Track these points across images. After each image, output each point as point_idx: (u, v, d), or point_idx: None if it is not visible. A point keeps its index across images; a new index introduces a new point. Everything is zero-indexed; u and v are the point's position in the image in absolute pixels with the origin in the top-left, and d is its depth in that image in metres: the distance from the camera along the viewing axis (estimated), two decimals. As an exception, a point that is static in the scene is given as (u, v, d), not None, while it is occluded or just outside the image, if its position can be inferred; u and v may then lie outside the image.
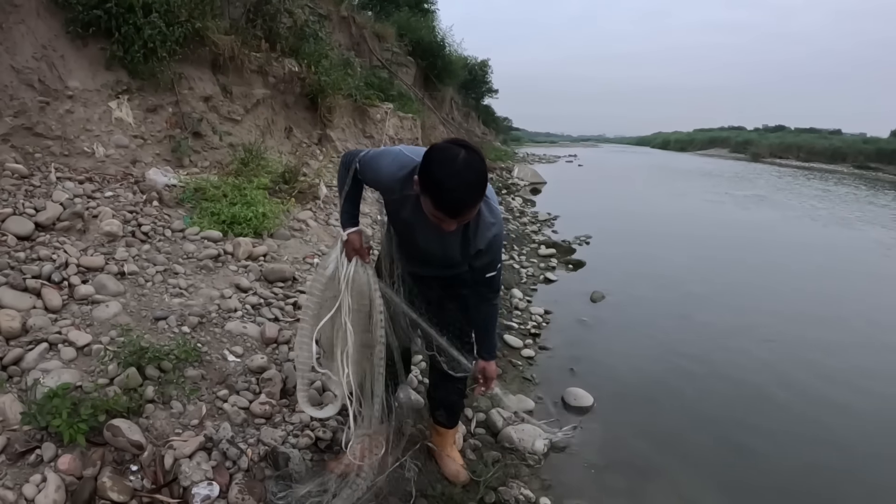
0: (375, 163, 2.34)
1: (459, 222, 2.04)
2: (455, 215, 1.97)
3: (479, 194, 1.98)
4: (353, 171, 2.43)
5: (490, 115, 39.24)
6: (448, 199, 1.92)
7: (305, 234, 5.72)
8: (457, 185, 1.90)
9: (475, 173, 1.93)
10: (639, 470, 3.53)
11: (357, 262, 2.52)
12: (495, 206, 2.28)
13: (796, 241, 11.99)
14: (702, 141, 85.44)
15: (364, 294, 2.54)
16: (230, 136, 6.76)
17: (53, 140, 4.91)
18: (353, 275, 2.49)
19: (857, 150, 48.39)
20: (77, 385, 2.71)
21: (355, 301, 2.52)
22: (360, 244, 2.53)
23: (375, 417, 2.56)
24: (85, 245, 4.00)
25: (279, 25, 8.19)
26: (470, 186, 1.93)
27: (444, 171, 1.90)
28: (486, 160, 2.08)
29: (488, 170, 2.03)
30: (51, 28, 5.12)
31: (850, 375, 5.13)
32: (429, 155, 1.96)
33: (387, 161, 2.30)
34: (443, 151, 1.94)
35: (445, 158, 1.92)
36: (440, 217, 1.98)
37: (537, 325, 5.73)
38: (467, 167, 1.90)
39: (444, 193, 1.92)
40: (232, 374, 3.20)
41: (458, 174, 1.89)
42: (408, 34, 17.41)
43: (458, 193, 1.92)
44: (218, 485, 2.49)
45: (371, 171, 2.37)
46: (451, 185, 1.90)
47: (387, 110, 11.80)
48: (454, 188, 1.90)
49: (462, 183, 1.90)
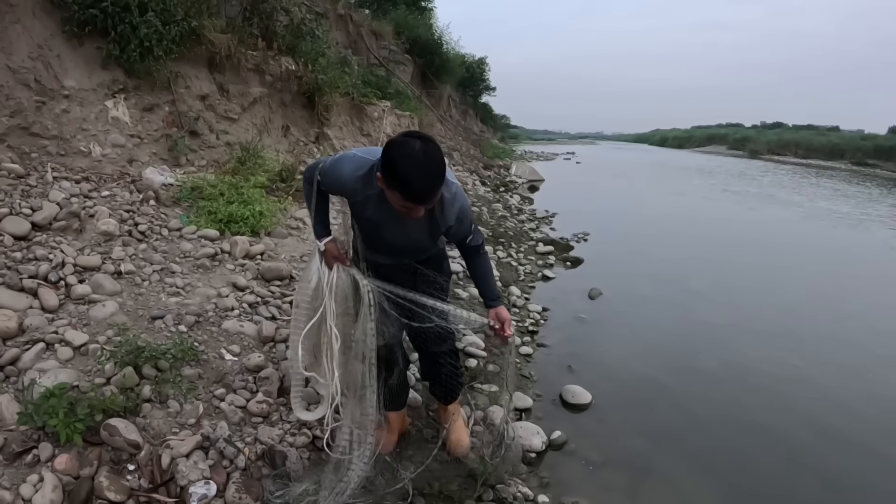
0: (334, 170, 2.42)
1: (426, 207, 2.16)
2: (423, 202, 2.09)
3: (442, 179, 2.09)
4: (315, 183, 2.51)
5: (488, 113, 39.26)
6: (416, 189, 2.03)
7: (302, 233, 5.72)
8: (422, 175, 2.02)
9: (435, 162, 2.04)
10: (637, 467, 3.53)
11: (339, 267, 2.61)
12: (454, 185, 2.38)
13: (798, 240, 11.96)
14: (700, 138, 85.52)
15: (349, 296, 2.61)
16: (227, 134, 6.76)
17: (50, 140, 4.91)
18: (336, 281, 2.58)
19: (855, 146, 48.47)
20: (74, 385, 2.71)
21: (340, 305, 2.60)
22: (337, 251, 2.65)
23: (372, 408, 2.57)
24: (81, 245, 3.99)
25: (276, 24, 8.20)
26: (433, 175, 2.05)
27: (408, 165, 2.00)
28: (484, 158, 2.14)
29: (487, 167, 2.09)
30: (47, 27, 5.12)
31: (851, 374, 5.13)
32: (388, 151, 2.05)
33: (344, 166, 2.38)
34: (401, 146, 2.04)
35: (406, 153, 2.01)
36: (409, 206, 2.10)
37: (535, 323, 5.73)
38: (427, 157, 2.02)
39: (412, 185, 2.03)
40: (229, 373, 3.20)
41: (421, 166, 2.01)
42: (405, 32, 17.43)
43: (424, 183, 2.04)
44: (215, 484, 2.49)
45: (331, 179, 2.45)
46: (416, 177, 2.01)
47: (384, 108, 11.81)
48: (419, 178, 2.02)
49: (426, 173, 2.03)
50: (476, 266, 2.70)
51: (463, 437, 3.25)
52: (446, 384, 3.19)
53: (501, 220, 10.43)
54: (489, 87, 33.86)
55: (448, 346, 3.08)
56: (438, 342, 2.94)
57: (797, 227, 13.65)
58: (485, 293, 2.73)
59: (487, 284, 2.72)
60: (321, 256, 2.63)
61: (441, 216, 2.37)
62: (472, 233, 2.56)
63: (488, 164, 19.28)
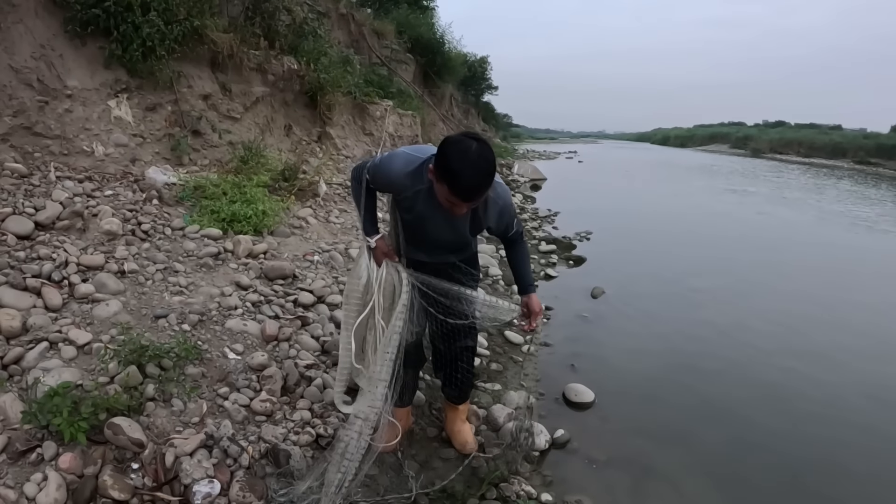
0: (385, 167, 2.50)
1: (470, 206, 2.25)
2: (469, 199, 2.17)
3: (490, 181, 2.18)
4: (364, 181, 2.59)
5: (490, 112, 39.21)
6: (464, 185, 2.11)
7: (305, 232, 5.73)
8: (472, 174, 2.10)
9: (487, 163, 2.13)
10: (640, 466, 3.53)
11: (387, 263, 2.69)
12: (500, 185, 2.48)
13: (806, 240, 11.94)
14: (702, 137, 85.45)
15: (396, 292, 2.67)
16: (229, 134, 6.76)
17: (53, 139, 4.91)
18: (385, 276, 2.66)
19: (858, 145, 48.39)
20: (77, 384, 2.71)
21: (387, 300, 2.67)
22: (387, 248, 2.73)
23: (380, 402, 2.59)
24: (85, 244, 4.00)
25: (278, 23, 8.18)
26: (483, 174, 2.13)
27: (460, 162, 2.09)
28: None
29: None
30: (49, 27, 5.12)
31: (856, 373, 5.12)
32: (444, 147, 2.14)
33: (395, 162, 2.46)
34: (458, 143, 2.12)
35: (461, 150, 2.10)
36: (454, 202, 2.17)
37: (538, 322, 5.72)
38: (480, 157, 2.10)
39: (461, 181, 2.10)
40: (232, 372, 3.20)
41: (472, 164, 2.09)
42: (407, 31, 17.39)
43: (473, 181, 2.12)
44: (219, 482, 2.49)
45: (382, 176, 2.53)
46: (466, 174, 2.10)
47: (386, 107, 11.80)
48: (470, 176, 2.10)
49: (476, 172, 2.11)
50: (514, 253, 2.79)
51: (470, 437, 3.28)
52: (461, 384, 3.22)
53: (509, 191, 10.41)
54: (491, 86, 33.81)
55: (470, 342, 3.13)
56: (463, 336, 2.99)
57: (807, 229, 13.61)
58: (519, 280, 2.84)
59: (523, 272, 2.82)
60: (370, 253, 2.71)
61: (484, 215, 2.48)
62: (515, 227, 2.66)
63: (491, 163, 19.11)
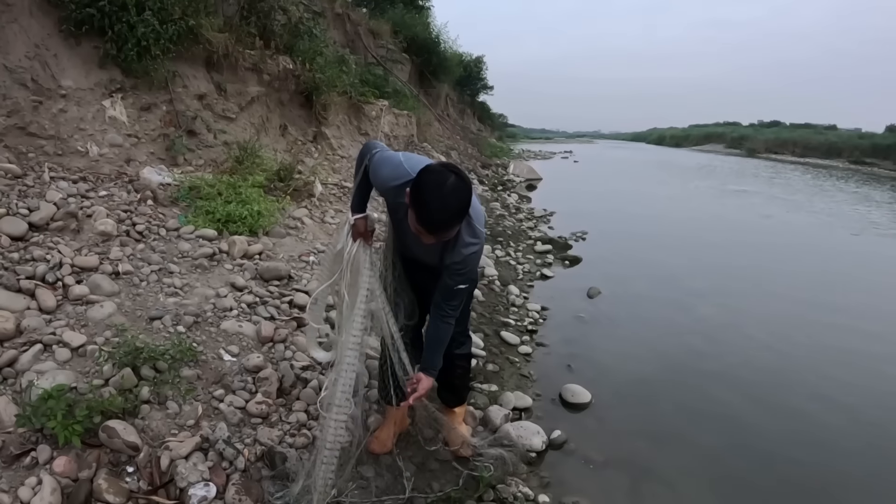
0: (378, 168, 2.50)
1: (438, 240, 2.23)
2: (433, 232, 2.16)
3: (459, 220, 2.19)
4: (364, 166, 2.59)
5: (485, 112, 39.26)
6: (430, 219, 2.12)
7: (301, 232, 5.71)
8: (440, 208, 2.09)
9: (458, 201, 2.12)
10: (637, 466, 3.54)
11: (360, 243, 2.73)
12: (478, 226, 2.43)
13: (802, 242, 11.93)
14: (697, 136, 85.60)
15: (361, 273, 2.72)
16: (225, 134, 6.73)
17: (47, 139, 4.88)
18: (354, 253, 2.73)
19: (853, 145, 48.55)
20: (72, 386, 2.70)
21: (353, 277, 2.74)
22: (364, 228, 2.72)
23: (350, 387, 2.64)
24: (79, 245, 3.97)
25: (273, 23, 8.15)
26: (451, 212, 2.13)
27: (432, 195, 2.08)
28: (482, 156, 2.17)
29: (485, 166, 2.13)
30: (44, 27, 5.09)
31: (850, 373, 5.13)
32: (421, 176, 2.13)
33: (386, 170, 2.45)
34: (434, 174, 2.12)
35: (436, 182, 2.09)
36: (421, 231, 2.17)
37: (534, 322, 5.73)
38: (452, 194, 2.09)
39: (428, 214, 2.11)
40: (228, 374, 3.19)
41: (442, 199, 2.08)
42: (403, 31, 17.42)
43: (440, 216, 2.12)
44: (215, 485, 2.48)
45: (374, 174, 2.53)
46: (434, 208, 2.09)
47: (382, 107, 11.79)
48: (437, 210, 2.10)
49: (445, 208, 2.10)
50: (436, 328, 2.68)
51: (467, 439, 3.27)
52: (457, 388, 3.25)
53: (499, 219, 10.45)
54: (487, 86, 33.88)
55: (465, 350, 3.15)
56: (457, 346, 2.99)
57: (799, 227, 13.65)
58: (424, 357, 2.74)
59: (433, 353, 2.71)
60: (350, 229, 2.73)
61: (451, 250, 2.41)
62: (465, 287, 2.55)
63: (486, 163, 19.31)
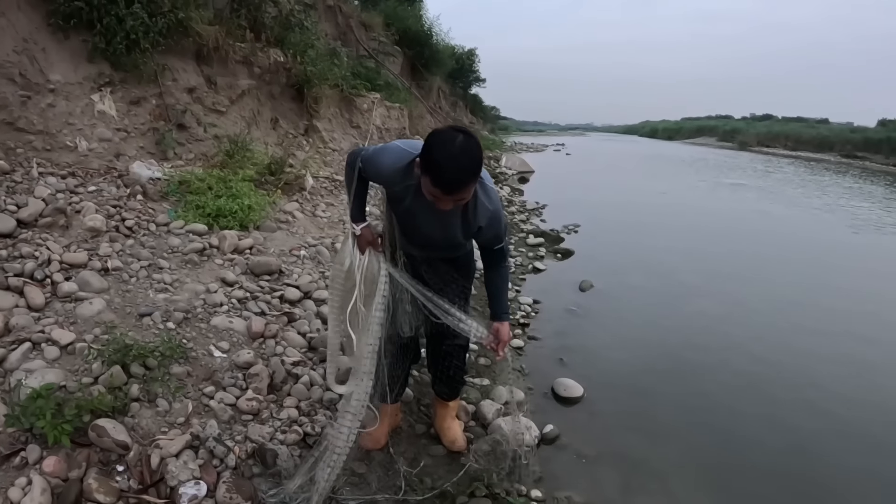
0: (377, 159, 2.49)
1: (455, 201, 2.22)
2: (450, 192, 2.14)
3: (474, 175, 2.17)
4: (357, 169, 2.57)
5: (478, 105, 39.16)
6: (445, 177, 2.10)
7: (292, 226, 5.68)
8: (454, 165, 2.09)
9: (470, 156, 2.12)
10: (629, 461, 3.53)
11: (371, 252, 2.70)
12: (492, 191, 2.50)
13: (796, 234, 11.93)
14: (689, 129, 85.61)
15: (376, 281, 2.69)
16: (215, 127, 6.69)
17: (35, 135, 4.84)
18: (367, 265, 2.69)
19: (845, 139, 48.63)
20: (61, 385, 2.69)
21: (368, 288, 2.71)
22: (371, 236, 2.70)
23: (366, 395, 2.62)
24: (68, 241, 3.95)
25: (264, 15, 8.11)
26: (465, 167, 2.12)
27: (443, 153, 2.09)
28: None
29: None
30: (32, 21, 5.04)
31: (845, 365, 5.14)
32: (430, 139, 2.15)
33: (387, 156, 2.45)
34: (443, 135, 2.14)
35: (445, 141, 2.11)
36: (437, 195, 2.16)
37: (526, 315, 5.71)
38: (464, 150, 2.09)
39: (443, 172, 2.10)
40: (218, 370, 3.18)
41: (455, 156, 2.08)
42: (395, 23, 17.33)
43: (455, 173, 2.10)
44: (205, 484, 2.47)
45: (373, 167, 2.51)
46: (448, 165, 2.08)
47: (374, 100, 11.75)
48: (451, 168, 2.09)
49: (458, 164, 2.10)
50: (492, 276, 2.74)
51: (459, 434, 3.28)
52: (452, 381, 3.23)
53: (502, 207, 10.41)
54: (479, 79, 33.75)
55: (462, 341, 3.12)
56: (454, 335, 2.96)
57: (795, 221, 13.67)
58: (494, 306, 2.77)
59: (499, 298, 2.76)
60: (355, 240, 2.71)
61: (473, 215, 2.43)
62: (503, 244, 2.63)
63: (479, 156, 19.14)
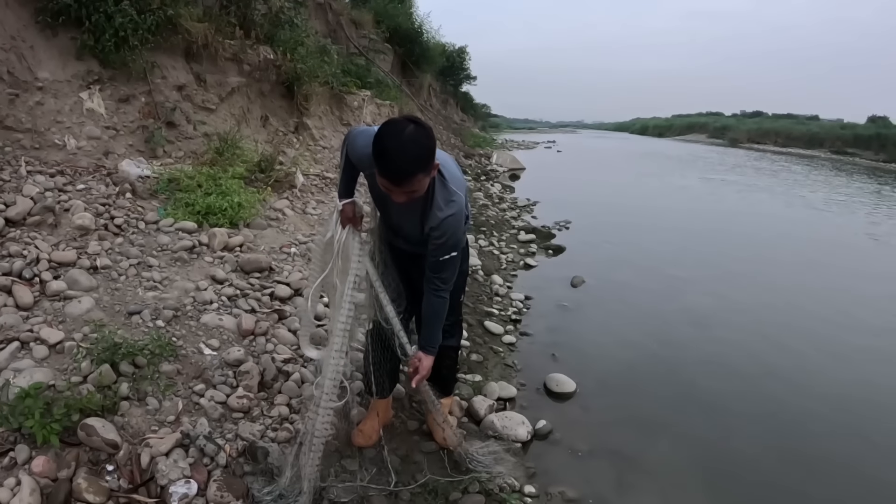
0: (354, 140, 2.51)
1: (405, 193, 2.20)
2: (397, 183, 2.14)
3: (419, 166, 2.12)
4: (345, 147, 2.60)
5: (469, 102, 39.16)
6: (389, 166, 2.10)
7: (282, 224, 5.66)
8: (399, 155, 2.08)
9: (418, 146, 2.10)
10: (622, 455, 3.55)
11: (349, 229, 2.70)
12: (454, 189, 2.42)
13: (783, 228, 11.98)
14: (680, 126, 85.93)
15: (350, 259, 2.71)
16: (205, 125, 6.66)
17: (24, 133, 4.81)
18: (344, 240, 2.69)
19: (835, 135, 48.95)
20: (50, 384, 2.66)
21: (344, 264, 2.71)
22: (352, 213, 2.69)
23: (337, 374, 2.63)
24: (56, 240, 3.92)
25: (254, 12, 8.07)
26: (410, 159, 2.10)
27: (390, 142, 2.07)
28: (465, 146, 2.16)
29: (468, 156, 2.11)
30: (20, 18, 5.01)
31: (835, 360, 5.18)
32: (381, 127, 2.14)
33: (361, 139, 2.45)
34: (393, 124, 2.12)
35: (392, 129, 2.09)
36: (386, 185, 2.17)
37: (518, 311, 5.72)
38: (411, 140, 2.08)
39: (387, 161, 2.09)
40: (208, 368, 3.15)
41: (402, 145, 2.07)
42: (385, 21, 17.32)
43: (400, 163, 2.09)
44: (196, 482, 2.45)
45: (351, 148, 2.54)
46: (393, 155, 2.07)
47: (364, 97, 11.74)
48: (396, 158, 2.08)
49: (404, 153, 2.08)
50: (429, 302, 2.63)
51: (450, 436, 3.23)
52: (444, 379, 3.22)
53: (483, 209, 10.44)
54: (470, 77, 33.76)
55: (454, 342, 3.14)
56: (446, 337, 2.96)
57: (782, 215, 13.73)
58: (422, 335, 2.74)
59: (430, 328, 2.69)
60: (338, 216, 2.71)
61: (429, 213, 2.39)
62: (450, 257, 2.48)
63: (469, 153, 19.31)
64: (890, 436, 4.00)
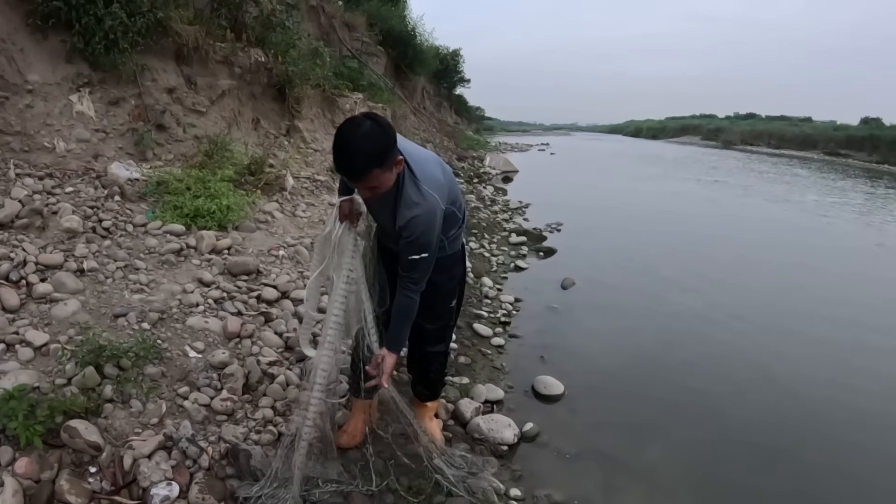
0: None
1: (367, 189, 2.25)
2: (351, 178, 2.22)
3: (373, 161, 2.14)
4: None
5: (462, 105, 39.19)
6: (342, 162, 2.15)
7: (271, 227, 5.66)
8: (352, 149, 2.12)
9: (370, 142, 2.12)
10: (610, 458, 3.56)
11: (346, 225, 2.69)
12: (427, 190, 2.38)
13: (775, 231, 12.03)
14: (674, 128, 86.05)
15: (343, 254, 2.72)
16: (195, 128, 6.65)
17: (13, 136, 4.81)
18: (340, 236, 2.69)
19: (828, 136, 49.13)
20: (34, 386, 2.66)
21: (339, 259, 2.72)
22: (349, 210, 2.67)
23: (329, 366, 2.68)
24: (44, 242, 3.92)
25: (245, 14, 8.06)
26: (362, 154, 2.12)
27: (345, 137, 2.12)
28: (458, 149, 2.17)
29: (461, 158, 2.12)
30: (10, 21, 5.01)
31: (825, 360, 5.20)
32: (341, 124, 2.19)
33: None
34: (351, 120, 2.18)
35: (350, 127, 2.14)
36: (346, 181, 2.21)
37: (507, 314, 5.74)
38: (366, 137, 2.11)
39: (341, 157, 2.14)
40: (193, 371, 3.16)
41: (355, 141, 2.11)
42: (378, 23, 17.33)
43: (353, 158, 2.13)
44: (178, 484, 2.46)
45: None
46: (346, 150, 2.12)
47: (357, 100, 11.72)
48: (348, 152, 2.13)
49: (357, 149, 2.11)
50: (398, 301, 2.59)
51: (437, 434, 3.26)
52: (432, 383, 3.23)
53: (475, 211, 10.46)
54: (463, 79, 33.74)
55: (442, 347, 3.12)
56: (434, 342, 2.99)
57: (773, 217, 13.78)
58: (388, 333, 2.68)
59: (396, 328, 2.64)
60: (337, 211, 2.70)
61: (398, 212, 2.39)
62: (419, 257, 2.45)
63: (462, 156, 19.36)
64: (882, 439, 4.02)
